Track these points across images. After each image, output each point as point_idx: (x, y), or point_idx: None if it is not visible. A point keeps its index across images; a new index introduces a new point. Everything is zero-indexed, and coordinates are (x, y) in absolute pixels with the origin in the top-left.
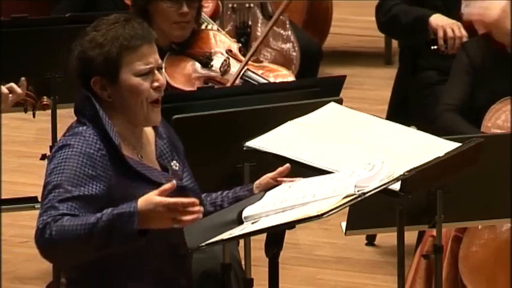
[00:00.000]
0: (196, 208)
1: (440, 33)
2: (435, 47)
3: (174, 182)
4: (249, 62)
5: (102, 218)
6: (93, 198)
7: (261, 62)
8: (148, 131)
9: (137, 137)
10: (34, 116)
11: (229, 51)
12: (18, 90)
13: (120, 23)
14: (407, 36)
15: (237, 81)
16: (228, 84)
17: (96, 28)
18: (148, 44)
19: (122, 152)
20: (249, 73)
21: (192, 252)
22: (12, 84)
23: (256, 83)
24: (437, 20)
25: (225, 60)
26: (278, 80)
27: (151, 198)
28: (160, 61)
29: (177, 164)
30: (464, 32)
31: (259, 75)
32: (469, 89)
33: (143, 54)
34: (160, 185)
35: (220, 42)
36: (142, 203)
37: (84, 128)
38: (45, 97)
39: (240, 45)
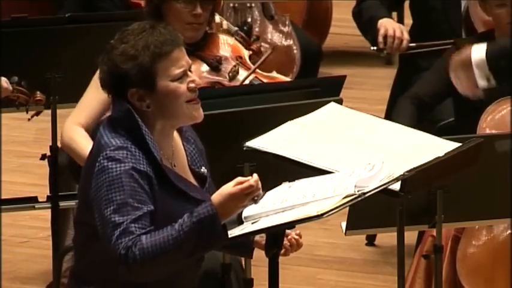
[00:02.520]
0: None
1: (381, 31)
2: (374, 48)
3: (256, 176)
4: (257, 71)
5: (183, 229)
6: (153, 214)
7: (271, 71)
8: (175, 135)
9: (170, 144)
10: (27, 112)
11: (239, 58)
12: (5, 85)
13: (147, 31)
14: (363, 33)
15: None
16: None
17: (123, 40)
18: (178, 48)
19: (163, 167)
20: (257, 81)
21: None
22: (2, 79)
23: None
24: (383, 21)
25: (234, 66)
26: None
27: (226, 190)
28: (190, 61)
29: (205, 170)
30: (406, 36)
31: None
32: (442, 88)
33: (176, 59)
34: (197, 201)
35: (231, 48)
36: (217, 199)
37: (124, 140)
38: (38, 92)
39: (251, 53)
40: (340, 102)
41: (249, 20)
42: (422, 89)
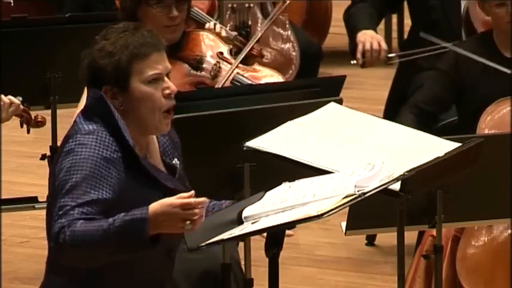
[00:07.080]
0: (203, 207)
1: (359, 47)
2: (354, 61)
3: (193, 192)
4: (240, 65)
5: (115, 223)
6: (108, 202)
7: (253, 64)
8: None
9: (145, 138)
10: (28, 132)
11: (220, 54)
12: (16, 101)
13: (129, 31)
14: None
15: (228, 85)
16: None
17: (105, 37)
18: (158, 52)
19: (136, 153)
20: (239, 77)
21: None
22: (11, 97)
23: None
24: (360, 35)
25: (215, 64)
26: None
27: (165, 201)
28: (169, 67)
29: (178, 162)
30: (384, 46)
31: (249, 79)
32: (443, 93)
33: (153, 62)
34: (168, 188)
35: (211, 45)
36: (155, 206)
37: (97, 126)
38: (39, 115)
39: (231, 47)
40: (340, 102)
41: (249, 22)
42: (422, 97)
